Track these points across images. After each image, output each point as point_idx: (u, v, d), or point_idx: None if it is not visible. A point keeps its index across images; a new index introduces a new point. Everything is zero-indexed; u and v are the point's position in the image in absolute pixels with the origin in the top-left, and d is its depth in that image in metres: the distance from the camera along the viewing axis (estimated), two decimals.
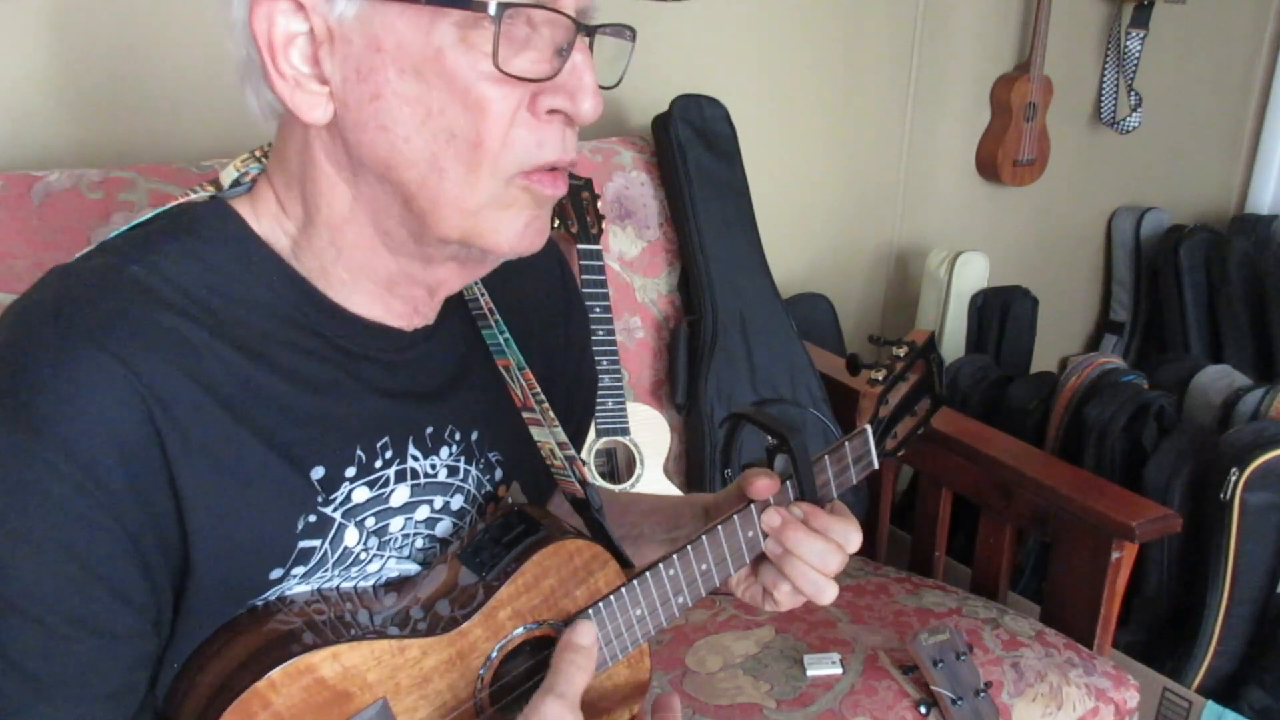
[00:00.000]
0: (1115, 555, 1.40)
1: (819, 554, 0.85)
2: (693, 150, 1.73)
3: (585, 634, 0.77)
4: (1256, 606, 1.76)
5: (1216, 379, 2.03)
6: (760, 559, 0.89)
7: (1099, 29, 2.54)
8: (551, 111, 0.68)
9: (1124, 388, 1.97)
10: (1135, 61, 2.54)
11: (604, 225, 1.62)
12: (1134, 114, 2.56)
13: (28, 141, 1.42)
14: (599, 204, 1.62)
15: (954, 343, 2.34)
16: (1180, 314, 2.59)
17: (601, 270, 1.59)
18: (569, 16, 0.67)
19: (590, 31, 0.69)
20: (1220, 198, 2.92)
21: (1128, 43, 2.52)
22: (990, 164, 2.42)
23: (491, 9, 0.63)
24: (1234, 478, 1.71)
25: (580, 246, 1.58)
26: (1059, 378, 2.09)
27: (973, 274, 2.31)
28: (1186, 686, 1.77)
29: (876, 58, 2.22)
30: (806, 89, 2.15)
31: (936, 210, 2.44)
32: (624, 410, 1.62)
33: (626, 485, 1.62)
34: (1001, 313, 2.34)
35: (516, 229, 0.71)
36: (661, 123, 1.74)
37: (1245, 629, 1.77)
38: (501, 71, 0.65)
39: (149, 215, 0.73)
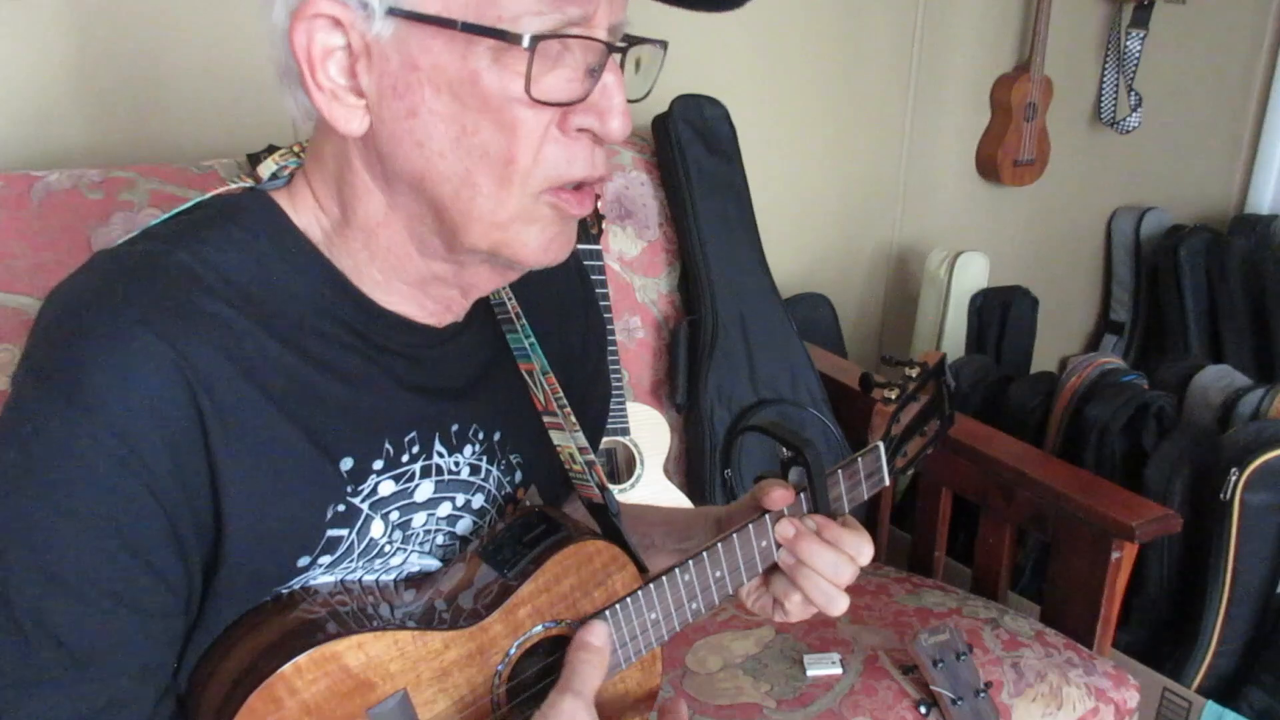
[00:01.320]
0: (1115, 555, 1.40)
1: (831, 565, 0.86)
2: (693, 150, 1.73)
3: (598, 634, 0.78)
4: (1256, 606, 1.76)
5: (1216, 379, 2.03)
6: (772, 570, 0.89)
7: (1099, 29, 2.54)
8: (580, 129, 0.70)
9: (1124, 388, 1.97)
10: (1135, 61, 2.54)
11: (604, 225, 1.62)
12: (1134, 114, 2.56)
13: (28, 141, 1.42)
14: (599, 204, 1.62)
15: (954, 343, 2.34)
16: (1180, 314, 2.59)
17: (601, 270, 1.59)
18: (601, 40, 0.68)
19: (623, 50, 0.70)
20: (1220, 198, 2.92)
21: (1128, 43, 2.52)
22: (990, 164, 2.42)
23: (525, 41, 0.64)
24: (1234, 478, 1.70)
25: (580, 246, 1.57)
26: (1059, 378, 2.09)
27: (973, 274, 2.31)
28: (1186, 686, 1.77)
29: (876, 58, 2.22)
30: (806, 89, 2.15)
31: (936, 210, 2.44)
32: (624, 410, 1.62)
33: (626, 485, 1.62)
34: (1001, 313, 2.34)
35: (542, 242, 0.73)
36: (661, 123, 1.74)
37: (1245, 629, 1.77)
38: (534, 99, 0.66)
39: (190, 204, 0.75)
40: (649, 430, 1.66)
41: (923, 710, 1.24)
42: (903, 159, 2.35)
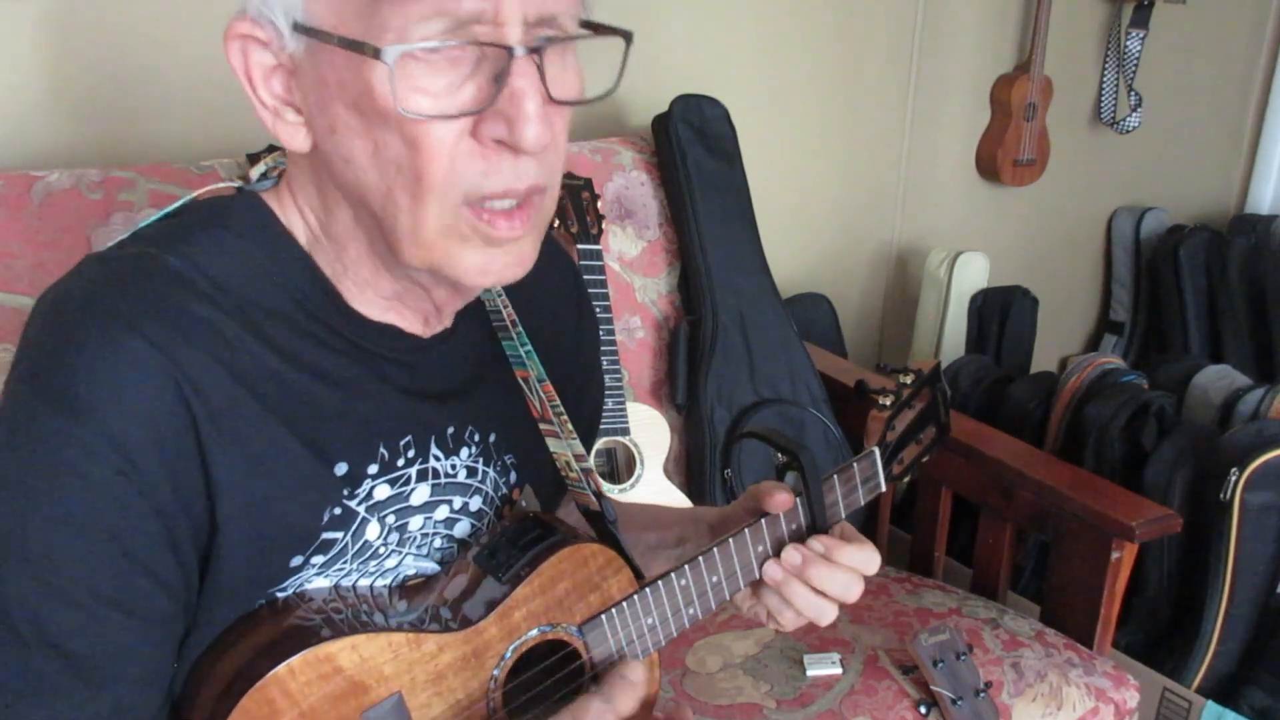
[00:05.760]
0: (1115, 555, 1.40)
1: (843, 586, 0.86)
2: (693, 150, 1.73)
3: (635, 671, 0.80)
4: (1256, 606, 1.76)
5: (1216, 379, 2.03)
6: (762, 584, 0.89)
7: (1099, 29, 2.54)
8: (497, 141, 0.66)
9: (1124, 388, 1.97)
10: (1135, 61, 2.54)
11: (604, 225, 1.62)
12: (1134, 114, 2.56)
13: (28, 141, 1.42)
14: (599, 204, 1.62)
15: (954, 343, 2.34)
16: (1180, 314, 2.58)
17: (601, 270, 1.59)
18: (496, 45, 0.64)
19: (536, 51, 0.64)
20: (1220, 198, 2.92)
21: (1128, 43, 2.52)
22: (990, 164, 2.42)
23: (388, 57, 0.62)
24: (1234, 478, 1.70)
25: (580, 246, 1.58)
26: (1059, 378, 2.09)
27: (973, 274, 2.31)
28: (1186, 686, 1.77)
29: (876, 58, 2.22)
30: (806, 89, 2.15)
31: (936, 210, 2.44)
32: (624, 410, 1.62)
33: (626, 485, 1.62)
34: (1001, 313, 2.34)
35: (478, 264, 0.69)
36: (661, 123, 1.74)
37: (1245, 629, 1.77)
38: (403, 113, 0.63)
39: (180, 204, 0.74)
40: (649, 430, 1.66)
41: (923, 710, 1.24)
42: (903, 159, 2.34)
